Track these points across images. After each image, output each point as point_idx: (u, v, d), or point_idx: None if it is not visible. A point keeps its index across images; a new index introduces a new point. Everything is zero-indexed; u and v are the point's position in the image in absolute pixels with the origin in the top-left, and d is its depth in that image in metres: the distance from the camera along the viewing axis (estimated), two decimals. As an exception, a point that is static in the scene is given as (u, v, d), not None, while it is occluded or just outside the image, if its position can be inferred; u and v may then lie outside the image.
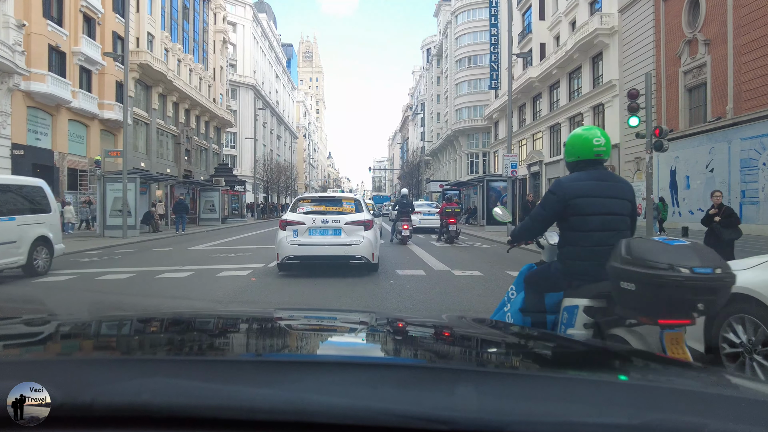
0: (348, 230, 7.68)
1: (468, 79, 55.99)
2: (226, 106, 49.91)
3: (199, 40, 43.50)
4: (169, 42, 35.71)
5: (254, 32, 66.67)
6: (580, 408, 0.72)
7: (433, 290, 6.95)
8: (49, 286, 7.78)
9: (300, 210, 8.00)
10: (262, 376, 0.80)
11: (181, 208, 18.04)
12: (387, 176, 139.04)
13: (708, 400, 0.79)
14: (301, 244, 7.63)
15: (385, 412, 0.68)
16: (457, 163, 59.64)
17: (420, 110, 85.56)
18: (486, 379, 0.84)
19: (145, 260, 11.02)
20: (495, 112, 42.54)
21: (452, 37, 58.68)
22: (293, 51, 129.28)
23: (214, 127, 46.99)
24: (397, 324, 1.54)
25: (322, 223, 7.68)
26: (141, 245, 14.51)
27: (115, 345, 1.22)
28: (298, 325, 1.52)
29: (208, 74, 44.84)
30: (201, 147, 43.66)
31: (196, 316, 1.68)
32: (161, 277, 8.36)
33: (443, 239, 14.00)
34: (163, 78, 32.81)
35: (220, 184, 25.82)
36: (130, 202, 16.08)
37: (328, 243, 7.68)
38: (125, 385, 0.73)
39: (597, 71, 26.20)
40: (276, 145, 75.48)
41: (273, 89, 78.73)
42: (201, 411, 0.69)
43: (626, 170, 22.54)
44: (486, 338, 1.40)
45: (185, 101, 38.58)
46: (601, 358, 1.22)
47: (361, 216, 7.88)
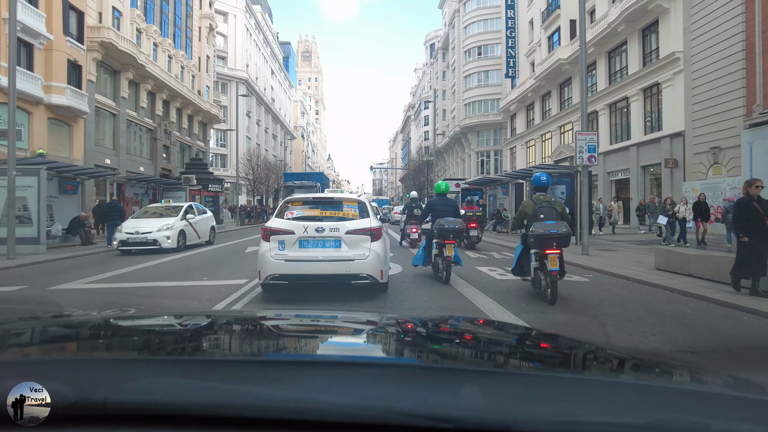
0: (350, 241, 6.09)
1: (478, 70, 51.56)
2: (213, 100, 45.39)
3: (181, 25, 38.98)
4: (142, 22, 31.19)
5: (247, 23, 62.28)
6: (585, 408, 0.73)
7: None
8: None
9: (288, 215, 6.33)
10: (270, 376, 0.80)
11: (114, 213, 13.35)
12: (388, 178, 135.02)
13: (713, 400, 0.79)
14: (289, 260, 6.03)
15: (391, 410, 0.69)
16: (465, 163, 55.14)
17: (424, 107, 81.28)
18: (491, 379, 0.84)
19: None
20: (513, 104, 38.00)
21: (460, 26, 54.31)
22: (291, 49, 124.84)
23: (199, 122, 42.43)
24: (402, 324, 1.58)
25: (316, 232, 6.10)
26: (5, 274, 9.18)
27: (128, 345, 1.24)
28: (304, 326, 1.53)
29: (191, 63, 40.31)
30: (183, 144, 39.09)
31: (204, 317, 1.77)
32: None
33: (463, 245, 12.60)
34: (132, 62, 28.27)
35: (190, 183, 21.23)
36: (31, 204, 11.38)
37: (324, 258, 6.06)
38: (137, 384, 0.75)
39: (649, 45, 21.68)
40: (271, 145, 70.97)
41: (268, 86, 74.29)
42: (210, 410, 0.70)
43: (695, 164, 17.91)
44: (491, 338, 1.44)
45: (163, 91, 34.04)
46: (606, 358, 1.22)
47: (367, 222, 6.22)
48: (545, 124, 32.63)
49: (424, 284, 7.35)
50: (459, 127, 52.81)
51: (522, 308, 5.68)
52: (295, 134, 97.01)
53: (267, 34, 74.89)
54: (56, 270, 9.61)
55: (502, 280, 7.89)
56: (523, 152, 37.17)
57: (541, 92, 33.22)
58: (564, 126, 30.17)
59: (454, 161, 59.74)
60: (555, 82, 30.83)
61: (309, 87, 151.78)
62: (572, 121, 28.62)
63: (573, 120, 28.42)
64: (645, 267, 8.87)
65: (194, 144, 41.33)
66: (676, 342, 4.44)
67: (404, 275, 8.37)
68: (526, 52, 36.29)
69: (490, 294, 6.59)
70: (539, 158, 33.79)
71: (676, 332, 4.79)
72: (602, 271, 8.71)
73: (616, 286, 7.47)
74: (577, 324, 5.23)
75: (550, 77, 30.53)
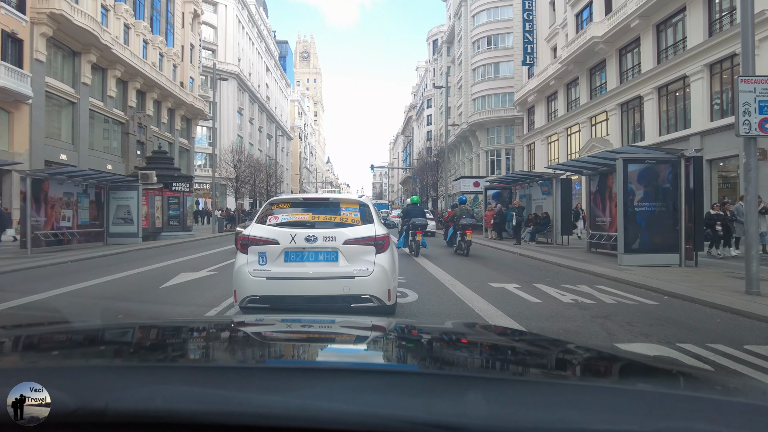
0: (349, 253, 4.75)
1: (487, 62, 47.54)
2: (199, 94, 41.36)
3: (161, 8, 34.98)
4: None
5: (239, 15, 58.36)
6: (590, 415, 0.72)
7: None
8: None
9: (272, 220, 4.95)
10: (272, 383, 0.79)
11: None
12: (389, 181, 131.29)
13: (719, 408, 0.77)
14: (271, 277, 4.70)
15: (394, 418, 0.68)
16: (473, 163, 51.04)
17: (427, 106, 77.19)
18: (496, 386, 0.83)
19: None
20: (531, 94, 33.94)
21: (467, 16, 50.35)
22: (288, 48, 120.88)
23: (181, 116, 38.36)
24: (406, 331, 1.58)
25: (306, 242, 4.72)
26: None
27: (128, 352, 1.21)
28: (305, 332, 1.50)
29: (173, 51, 36.28)
30: (163, 140, 34.99)
31: (206, 324, 1.75)
32: None
33: (460, 252, 13.04)
34: (95, 41, 24.22)
35: (149, 180, 17.05)
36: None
37: (317, 275, 4.71)
38: (138, 392, 0.74)
39: (714, 10, 17.63)
40: (266, 145, 66.92)
41: (262, 83, 70.30)
42: (212, 417, 0.69)
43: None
44: (495, 345, 1.41)
45: (136, 79, 29.99)
46: (612, 365, 1.18)
47: (371, 230, 4.85)
48: (571, 115, 28.55)
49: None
50: (467, 124, 48.73)
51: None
52: (291, 135, 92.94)
53: (261, 28, 70.96)
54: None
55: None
56: (544, 148, 33.08)
57: (566, 79, 29.17)
58: (596, 117, 26.08)
59: (460, 161, 55.61)
60: (584, 67, 26.77)
61: (307, 88, 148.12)
62: (607, 110, 24.55)
63: (608, 108, 24.35)
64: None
65: (176, 141, 37.25)
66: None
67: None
68: (547, 36, 32.28)
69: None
70: (563, 155, 29.70)
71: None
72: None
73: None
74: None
75: (578, 60, 26.48)
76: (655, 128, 20.75)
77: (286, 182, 77.57)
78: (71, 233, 13.47)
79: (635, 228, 9.01)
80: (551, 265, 10.22)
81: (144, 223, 16.72)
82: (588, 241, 12.54)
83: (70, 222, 13.41)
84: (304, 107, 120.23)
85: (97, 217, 14.73)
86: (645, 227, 9.07)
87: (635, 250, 8.96)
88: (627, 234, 9.03)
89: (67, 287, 7.45)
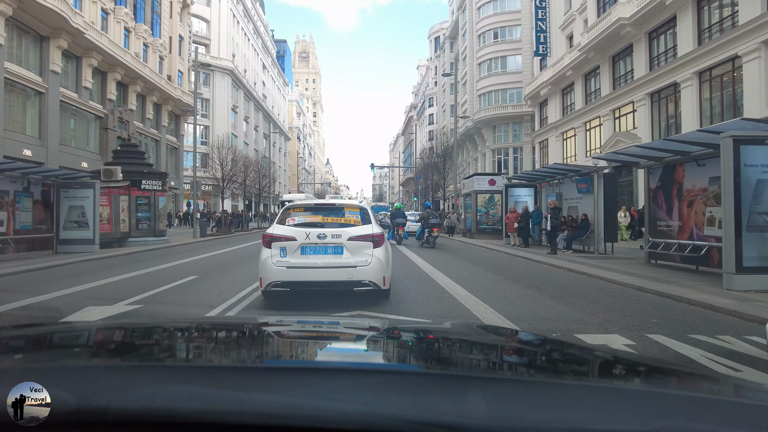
0: (352, 248, 6.02)
1: (494, 56, 45.16)
2: (188, 89, 38.89)
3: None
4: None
5: (234, 9, 55.99)
6: (590, 415, 0.71)
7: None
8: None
9: (290, 221, 6.27)
10: (272, 383, 0.79)
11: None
12: (389, 183, 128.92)
13: (719, 407, 0.77)
14: (291, 267, 5.94)
15: (393, 418, 0.69)
16: (478, 162, 48.62)
17: (428, 105, 74.73)
18: (495, 386, 0.83)
19: None
20: (544, 87, 31.47)
21: (472, 9, 47.98)
22: (287, 47, 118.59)
23: (168, 112, 35.91)
24: (404, 330, 1.58)
25: (318, 239, 6.00)
26: None
27: (129, 352, 1.21)
28: (305, 332, 1.51)
29: (159, 42, 33.85)
30: (147, 137, 32.51)
31: (206, 324, 1.74)
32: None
33: (426, 245, 17.30)
34: (64, 25, 21.76)
35: (114, 177, 14.47)
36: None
37: (326, 264, 5.99)
38: (139, 391, 0.74)
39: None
40: (262, 145, 64.43)
41: (259, 80, 67.88)
42: (213, 416, 0.70)
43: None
44: (494, 345, 1.40)
45: (116, 70, 27.55)
46: (612, 365, 1.19)
47: (369, 229, 6.16)
48: (591, 108, 26.09)
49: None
50: (472, 121, 46.27)
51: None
52: (290, 135, 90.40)
53: (258, 24, 68.56)
54: None
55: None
56: (558, 145, 30.61)
57: (585, 69, 26.73)
58: (621, 108, 23.61)
59: (465, 161, 53.10)
60: (606, 54, 24.32)
61: (306, 89, 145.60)
62: (634, 100, 22.09)
63: (636, 99, 21.89)
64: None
65: (163, 138, 34.78)
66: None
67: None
68: (561, 23, 29.85)
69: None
70: (582, 152, 27.23)
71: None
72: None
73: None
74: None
75: (600, 47, 24.04)
76: (695, 119, 18.28)
77: (281, 182, 74.96)
78: (3, 240, 11.02)
79: (750, 239, 6.50)
80: (623, 287, 7.63)
81: (106, 227, 14.24)
82: (647, 251, 9.96)
83: (3, 227, 10.92)
84: (303, 108, 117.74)
85: (44, 220, 12.21)
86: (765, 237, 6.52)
87: (750, 270, 6.43)
88: (740, 246, 6.47)
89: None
